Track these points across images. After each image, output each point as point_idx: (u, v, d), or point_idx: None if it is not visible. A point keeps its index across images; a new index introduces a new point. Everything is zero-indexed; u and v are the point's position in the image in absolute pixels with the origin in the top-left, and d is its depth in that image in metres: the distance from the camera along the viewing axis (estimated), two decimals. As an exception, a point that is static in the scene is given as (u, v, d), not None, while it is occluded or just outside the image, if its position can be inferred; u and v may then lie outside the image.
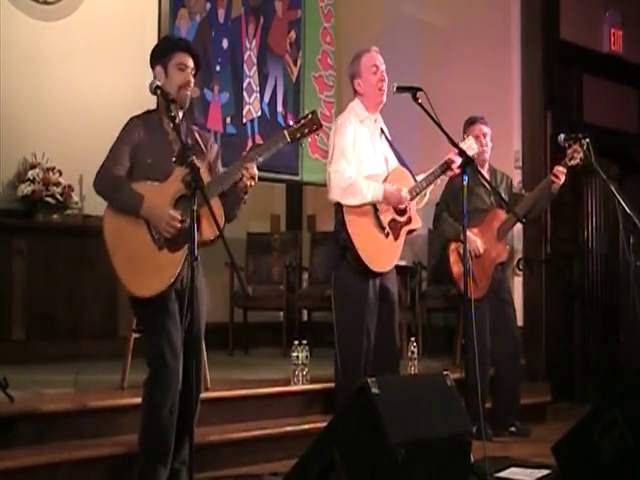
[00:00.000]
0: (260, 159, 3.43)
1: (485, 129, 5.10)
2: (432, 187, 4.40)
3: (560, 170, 4.91)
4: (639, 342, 6.45)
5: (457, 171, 4.23)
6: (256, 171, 3.40)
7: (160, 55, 3.54)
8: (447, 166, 4.29)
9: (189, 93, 3.51)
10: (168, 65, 3.49)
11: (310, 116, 3.54)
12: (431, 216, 5.17)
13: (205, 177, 3.35)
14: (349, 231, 4.13)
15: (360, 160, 4.25)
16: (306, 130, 3.52)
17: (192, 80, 3.53)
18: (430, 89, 3.94)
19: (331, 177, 4.19)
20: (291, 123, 3.55)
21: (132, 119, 3.49)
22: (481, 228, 5.04)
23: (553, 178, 4.93)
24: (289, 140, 3.48)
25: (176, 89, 3.47)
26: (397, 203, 4.23)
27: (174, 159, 3.42)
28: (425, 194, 4.40)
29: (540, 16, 6.60)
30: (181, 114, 3.53)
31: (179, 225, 3.32)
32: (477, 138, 5.03)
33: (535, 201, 5.05)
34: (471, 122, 5.09)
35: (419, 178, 4.35)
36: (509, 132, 6.47)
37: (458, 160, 4.18)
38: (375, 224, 4.21)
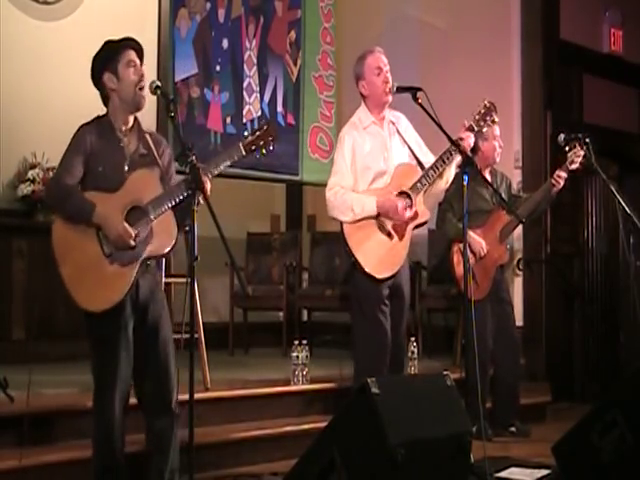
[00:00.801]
0: (215, 172, 3.34)
1: (497, 130, 5.12)
2: (453, 164, 4.32)
3: (561, 175, 4.92)
4: (639, 342, 6.45)
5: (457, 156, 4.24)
6: (208, 185, 3.26)
7: (107, 61, 3.34)
8: (448, 155, 4.25)
9: (145, 92, 3.34)
10: (118, 67, 3.33)
11: (266, 127, 3.44)
12: (432, 217, 5.16)
13: (156, 186, 3.30)
14: (350, 247, 4.21)
15: (365, 166, 4.29)
16: (261, 142, 3.41)
17: (144, 76, 3.35)
18: (430, 89, 3.94)
19: (326, 195, 4.30)
20: (246, 134, 3.44)
21: (82, 127, 3.34)
22: (484, 229, 5.04)
23: (553, 182, 4.95)
24: (244, 153, 3.40)
25: (133, 90, 3.32)
26: (394, 217, 4.23)
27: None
28: (450, 170, 4.35)
29: (540, 16, 6.59)
30: (132, 119, 3.40)
31: (132, 242, 3.22)
32: (496, 138, 5.06)
33: (536, 204, 5.07)
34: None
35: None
36: (509, 132, 6.45)
37: (468, 138, 4.19)
38: (377, 230, 4.24)
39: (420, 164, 4.40)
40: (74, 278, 3.23)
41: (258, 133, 3.43)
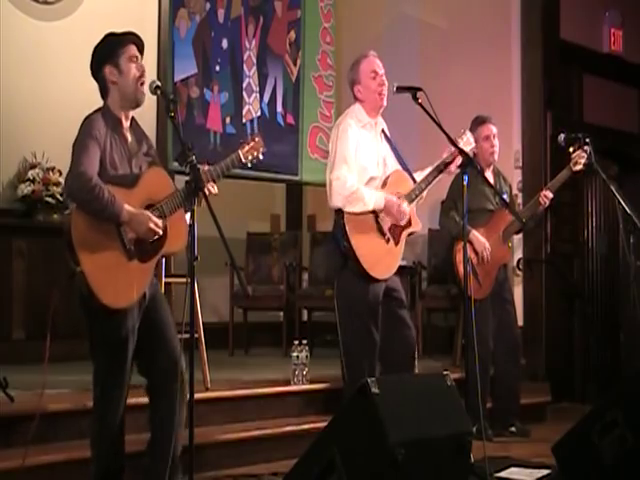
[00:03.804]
0: (220, 177, 3.42)
1: (494, 129, 5.12)
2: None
3: (548, 195, 5.03)
4: (639, 342, 6.45)
5: (454, 170, 4.28)
6: (214, 189, 3.37)
7: (109, 53, 3.31)
8: (445, 165, 4.31)
9: (145, 89, 3.32)
10: (120, 61, 3.30)
11: (257, 139, 3.56)
12: (432, 217, 5.17)
13: (169, 184, 3.34)
14: (350, 240, 4.15)
15: (362, 165, 4.28)
16: (255, 152, 3.54)
17: (145, 70, 3.35)
18: (430, 89, 3.94)
19: (332, 184, 4.21)
20: (242, 142, 3.55)
21: (90, 116, 3.27)
22: (487, 228, 5.04)
23: (540, 200, 5.05)
24: (244, 161, 3.49)
25: (134, 84, 3.30)
26: (397, 215, 4.23)
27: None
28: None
29: (540, 16, 6.60)
30: (130, 117, 3.39)
31: (161, 231, 3.23)
32: (487, 138, 5.06)
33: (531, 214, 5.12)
34: (481, 122, 5.08)
35: (418, 178, 4.36)
36: (509, 132, 6.46)
37: (457, 159, 4.20)
38: (375, 230, 4.23)
39: (408, 172, 4.40)
40: (97, 275, 3.14)
41: (252, 144, 3.54)
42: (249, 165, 3.57)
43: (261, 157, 3.58)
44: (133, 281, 3.23)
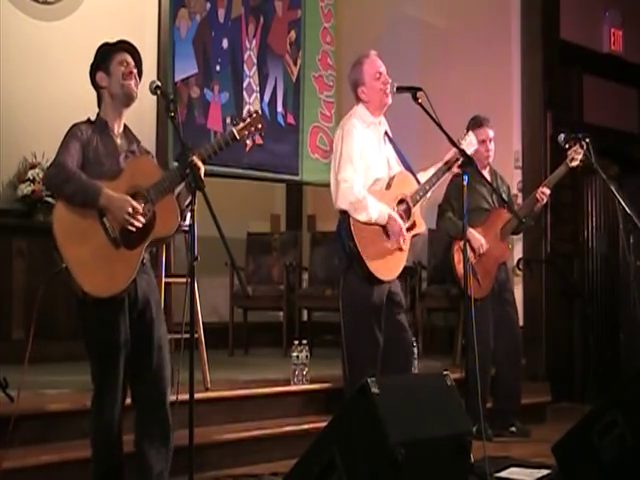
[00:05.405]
0: (211, 155, 3.37)
1: (491, 133, 5.11)
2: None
3: (545, 192, 5.02)
4: (639, 342, 6.45)
5: (458, 171, 4.28)
6: (200, 164, 3.26)
7: (100, 61, 3.40)
8: (448, 167, 4.32)
9: (134, 88, 3.35)
10: (110, 66, 3.37)
11: (254, 115, 3.51)
12: (432, 216, 5.18)
13: (155, 172, 3.33)
14: (356, 241, 4.15)
15: (367, 166, 4.27)
16: (252, 128, 3.48)
17: (135, 73, 3.38)
18: (430, 89, 3.94)
19: (340, 186, 4.18)
20: (235, 121, 3.50)
21: (76, 124, 3.36)
22: (484, 227, 5.04)
23: (537, 197, 5.04)
24: (237, 138, 3.45)
25: (120, 82, 3.34)
26: (395, 235, 4.22)
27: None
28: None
29: (540, 16, 6.60)
30: (122, 124, 3.42)
31: (141, 219, 3.20)
32: (483, 142, 5.04)
33: (529, 211, 5.12)
34: (478, 125, 5.07)
35: (422, 179, 4.36)
36: (509, 132, 6.46)
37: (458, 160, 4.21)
38: (381, 232, 4.23)
39: (412, 173, 4.40)
40: (79, 263, 3.15)
41: (249, 120, 3.48)
42: (248, 142, 3.51)
43: (262, 135, 3.54)
44: (118, 268, 3.20)
